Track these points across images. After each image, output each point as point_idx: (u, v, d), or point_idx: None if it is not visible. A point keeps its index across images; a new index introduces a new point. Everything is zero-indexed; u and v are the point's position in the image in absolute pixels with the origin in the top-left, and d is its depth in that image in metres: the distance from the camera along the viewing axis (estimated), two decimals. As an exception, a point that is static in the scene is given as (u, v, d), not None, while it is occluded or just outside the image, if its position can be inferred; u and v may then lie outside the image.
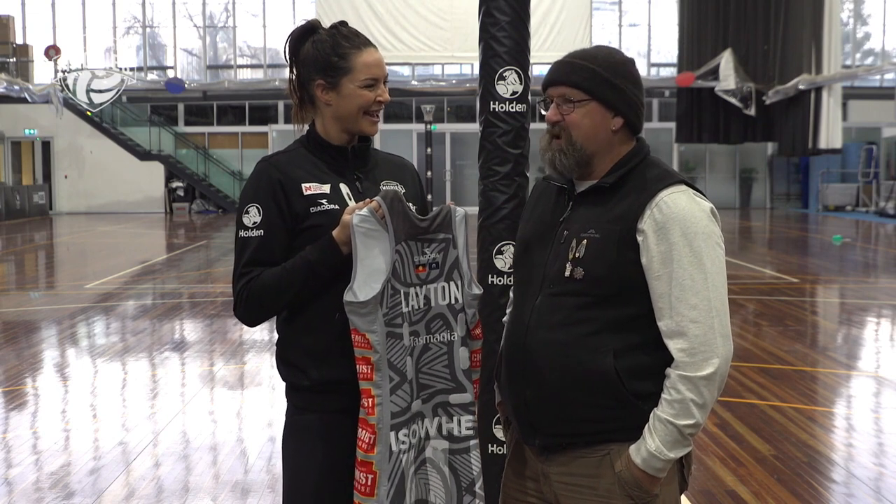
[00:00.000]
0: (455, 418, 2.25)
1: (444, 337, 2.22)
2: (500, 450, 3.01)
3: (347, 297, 2.10)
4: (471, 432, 2.25)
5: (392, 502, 2.13)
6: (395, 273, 2.13)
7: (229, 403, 6.31)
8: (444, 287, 2.22)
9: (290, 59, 2.34)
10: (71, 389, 6.71)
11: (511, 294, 2.41)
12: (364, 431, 2.12)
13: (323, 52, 2.27)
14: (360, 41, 2.28)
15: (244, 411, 6.10)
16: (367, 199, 2.16)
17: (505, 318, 2.43)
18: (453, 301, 2.23)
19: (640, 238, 2.00)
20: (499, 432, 3.02)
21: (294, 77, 2.34)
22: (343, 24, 2.33)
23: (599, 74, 2.06)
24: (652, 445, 1.97)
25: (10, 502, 4.41)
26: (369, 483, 2.12)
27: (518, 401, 2.14)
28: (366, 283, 2.10)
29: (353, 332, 2.12)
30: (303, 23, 2.36)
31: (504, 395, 2.24)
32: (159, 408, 6.12)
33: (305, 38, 2.32)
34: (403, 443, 2.15)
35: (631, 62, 2.12)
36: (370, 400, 2.11)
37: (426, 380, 2.22)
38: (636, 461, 1.99)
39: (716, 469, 4.73)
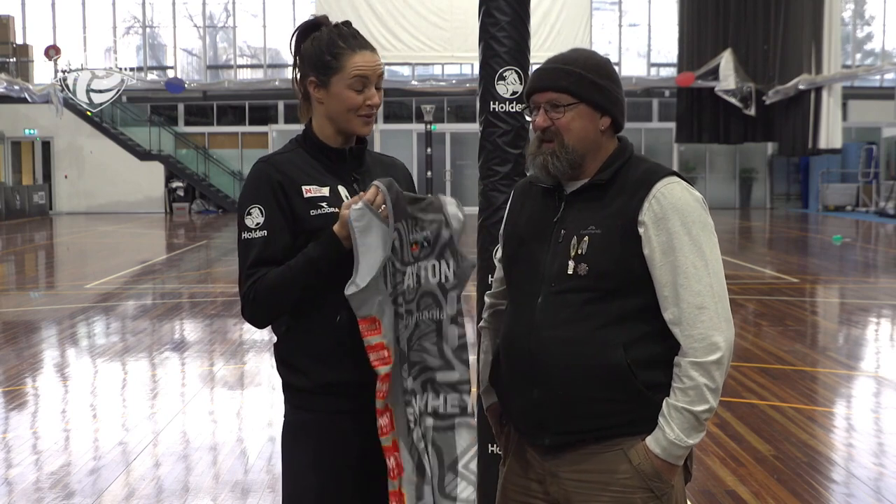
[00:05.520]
0: (441, 395, 2.23)
1: (433, 315, 2.22)
2: (500, 450, 3.01)
3: (349, 290, 2.08)
4: (456, 410, 2.24)
5: (417, 475, 2.14)
6: (395, 251, 2.13)
7: (229, 403, 6.32)
8: (434, 265, 2.21)
9: (293, 54, 2.34)
10: (71, 389, 6.71)
11: (487, 299, 2.43)
12: (383, 417, 2.12)
13: (319, 49, 2.26)
14: (356, 42, 2.26)
15: (244, 411, 6.10)
16: (361, 193, 2.16)
17: (482, 324, 2.45)
18: (443, 279, 2.22)
19: (641, 230, 2.04)
20: (499, 432, 3.00)
21: (296, 73, 2.35)
22: (346, 24, 2.32)
23: (585, 77, 2.10)
24: (671, 434, 2.00)
25: (10, 502, 4.41)
26: (395, 465, 2.12)
27: (524, 401, 2.14)
28: (368, 273, 2.10)
29: (362, 321, 2.10)
30: (310, 18, 2.36)
31: (505, 399, 2.23)
32: (159, 408, 6.12)
33: (308, 34, 2.31)
34: (411, 420, 2.16)
35: (609, 61, 2.19)
36: (387, 385, 2.11)
37: (416, 357, 2.21)
38: (656, 451, 2.02)
39: (716, 469, 4.73)
